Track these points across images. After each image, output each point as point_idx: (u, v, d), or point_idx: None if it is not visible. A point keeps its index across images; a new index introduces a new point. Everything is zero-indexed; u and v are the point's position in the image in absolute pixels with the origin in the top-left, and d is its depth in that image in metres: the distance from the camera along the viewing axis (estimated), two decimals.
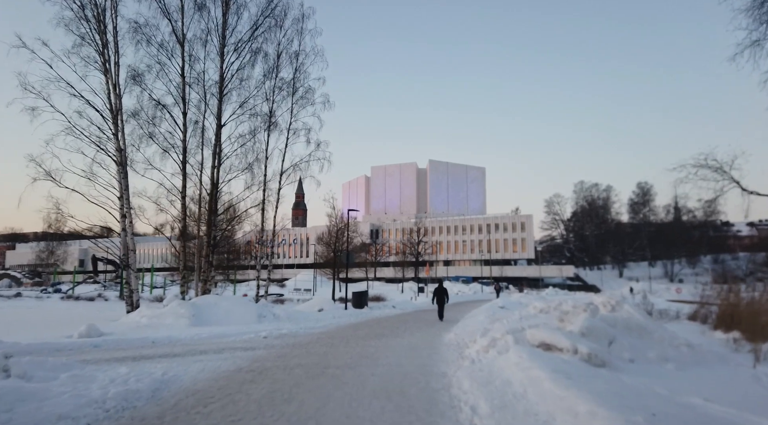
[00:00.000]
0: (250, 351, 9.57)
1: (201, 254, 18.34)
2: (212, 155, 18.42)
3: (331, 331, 13.81)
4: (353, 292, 24.59)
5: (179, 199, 18.03)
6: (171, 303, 14.54)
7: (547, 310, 11.53)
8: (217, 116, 18.34)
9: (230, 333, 12.26)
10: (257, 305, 15.50)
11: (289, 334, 12.47)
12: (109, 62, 16.31)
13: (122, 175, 16.43)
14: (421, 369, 7.70)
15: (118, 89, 16.60)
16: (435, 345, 10.84)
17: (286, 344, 10.72)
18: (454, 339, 11.68)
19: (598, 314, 8.92)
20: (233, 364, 7.94)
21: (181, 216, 17.97)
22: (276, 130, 21.24)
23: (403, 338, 12.37)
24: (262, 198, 20.97)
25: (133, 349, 9.60)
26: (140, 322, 13.54)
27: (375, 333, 13.27)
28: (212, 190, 18.17)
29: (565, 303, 11.48)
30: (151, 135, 18.26)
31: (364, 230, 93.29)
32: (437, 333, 13.62)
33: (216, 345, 10.25)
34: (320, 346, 10.42)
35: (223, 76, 18.57)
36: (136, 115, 18.19)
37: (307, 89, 21.35)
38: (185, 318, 13.62)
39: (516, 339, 7.85)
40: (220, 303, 15.07)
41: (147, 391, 5.68)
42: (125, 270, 16.77)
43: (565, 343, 7.31)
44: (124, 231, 16.54)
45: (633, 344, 8.63)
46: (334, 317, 17.89)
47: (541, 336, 7.67)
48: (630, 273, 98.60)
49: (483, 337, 9.68)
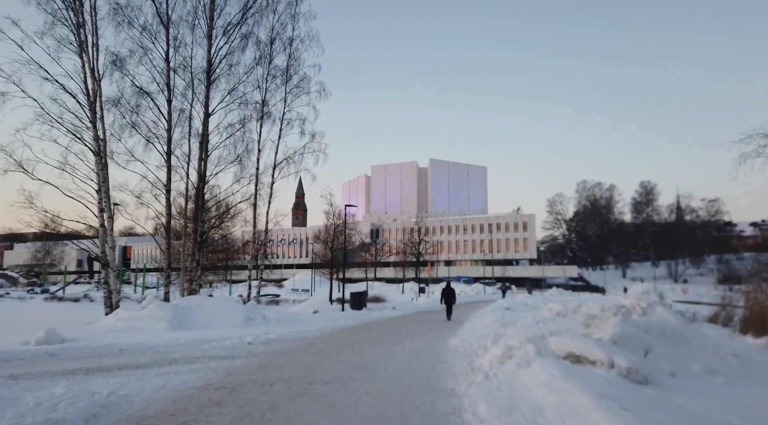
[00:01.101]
0: (228, 360, 8.34)
1: (187, 252, 17.13)
2: (199, 146, 17.19)
3: (325, 336, 12.59)
4: (351, 293, 23.39)
5: (164, 193, 16.81)
6: (150, 304, 13.32)
7: (564, 313, 10.31)
8: (204, 104, 17.11)
9: (212, 338, 11.05)
10: (245, 307, 14.29)
11: (277, 339, 11.25)
12: (86, 44, 15.10)
13: (100, 166, 15.21)
14: (425, 385, 6.48)
15: (96, 73, 15.39)
16: (440, 353, 9.62)
17: (271, 351, 9.50)
18: (461, 345, 10.46)
19: (630, 318, 7.68)
20: (203, 378, 6.72)
21: (166, 212, 16.75)
22: (269, 121, 20.05)
23: (404, 343, 11.15)
24: (254, 192, 19.76)
25: (93, 359, 8.37)
26: (114, 326, 12.33)
27: (373, 338, 12.05)
28: (199, 183, 16.94)
29: (585, 305, 10.25)
30: (134, 124, 17.05)
31: (364, 230, 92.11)
32: (441, 337, 12.39)
33: (191, 353, 9.03)
34: (309, 354, 9.19)
35: (211, 61, 17.33)
36: (118, 104, 16.97)
37: (301, 77, 20.16)
38: (164, 322, 12.40)
39: (538, 348, 6.62)
40: (205, 305, 13.85)
41: (76, 421, 4.45)
42: (104, 268, 15.55)
43: (599, 355, 6.08)
44: (103, 227, 15.32)
45: (672, 354, 7.39)
46: (330, 319, 16.68)
47: (569, 346, 6.44)
48: (633, 274, 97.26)
49: (496, 345, 8.44)
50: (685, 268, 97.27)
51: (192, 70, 17.53)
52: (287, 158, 19.64)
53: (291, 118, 20.08)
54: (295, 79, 19.96)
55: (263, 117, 19.87)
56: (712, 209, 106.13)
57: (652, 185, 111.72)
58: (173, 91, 16.90)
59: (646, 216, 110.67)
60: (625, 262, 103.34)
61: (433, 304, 30.78)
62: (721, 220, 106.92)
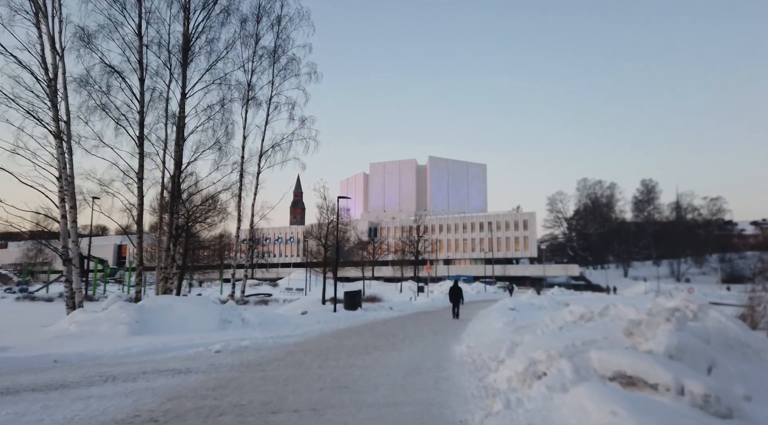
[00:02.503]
0: (180, 376, 6.72)
1: (163, 247, 15.50)
2: (176, 130, 15.53)
3: (309, 342, 10.98)
4: (345, 292, 21.77)
5: (135, 182, 15.17)
6: (111, 305, 11.69)
7: (590, 317, 8.73)
8: (181, 84, 15.45)
9: (175, 345, 9.43)
10: (222, 308, 12.67)
11: (251, 347, 9.62)
12: (46, 12, 13.45)
13: (60, 150, 13.56)
14: (426, 414, 4.89)
15: (58, 47, 13.73)
16: (443, 364, 8.02)
17: (239, 363, 7.88)
18: (468, 354, 8.86)
19: (686, 324, 6.09)
20: (132, 405, 5.10)
21: (138, 203, 15.11)
22: (255, 106, 18.40)
23: (400, 351, 9.56)
24: (239, 182, 18.11)
25: (12, 375, 6.74)
26: (67, 330, 10.71)
27: (365, 344, 10.45)
28: (175, 170, 15.30)
29: (613, 307, 8.66)
30: (104, 106, 15.39)
31: (363, 228, 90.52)
32: (444, 343, 10.80)
33: (139, 367, 7.41)
34: (285, 367, 7.58)
35: (188, 36, 15.67)
36: (86, 83, 15.30)
37: (290, 58, 18.49)
38: (124, 326, 10.77)
39: (575, 366, 5.01)
40: (175, 306, 12.22)
41: None
42: (65, 265, 13.92)
43: (663, 376, 4.47)
44: (64, 218, 13.69)
45: (741, 370, 5.80)
46: (319, 321, 15.06)
47: (618, 363, 4.83)
48: (635, 273, 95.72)
49: (512, 357, 6.84)
50: (688, 267, 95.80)
51: (169, 47, 15.87)
52: (274, 145, 18.00)
53: (279, 102, 18.49)
54: (283, 59, 18.34)
55: (249, 101, 18.23)
56: (713, 207, 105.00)
57: (653, 183, 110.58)
58: (146, 70, 15.25)
59: (647, 215, 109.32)
60: (627, 261, 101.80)
61: (432, 304, 29.17)
62: (722, 219, 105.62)
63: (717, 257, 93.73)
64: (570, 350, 6.02)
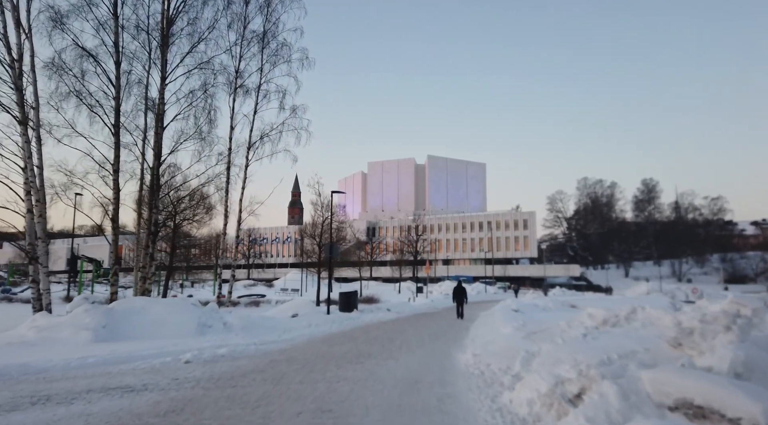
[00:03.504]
0: (131, 396, 5.56)
1: (140, 245, 14.34)
2: (155, 118, 14.34)
3: (297, 348, 9.83)
4: (340, 293, 20.65)
5: (110, 174, 13.99)
6: (76, 309, 10.53)
7: (614, 321, 7.60)
8: (160, 68, 14.26)
9: (141, 354, 8.27)
10: (202, 311, 11.51)
11: (227, 356, 8.46)
12: None
13: (26, 138, 12.38)
14: None
15: (25, 23, 12.57)
16: (447, 377, 6.89)
17: (209, 377, 6.73)
18: (474, 364, 7.72)
19: (750, 333, 4.96)
20: None
21: (113, 196, 13.92)
22: (243, 94, 17.24)
23: (397, 360, 8.41)
24: (227, 176, 16.96)
25: None
26: (23, 337, 9.54)
27: (357, 352, 9.31)
28: (155, 162, 14.13)
29: (641, 310, 7.54)
30: (78, 93, 14.21)
31: (361, 227, 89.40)
32: (446, 350, 9.66)
33: (87, 383, 6.26)
34: (261, 382, 6.43)
35: (168, 15, 14.49)
36: (60, 69, 14.12)
37: (281, 44, 17.32)
38: (88, 331, 9.61)
39: (622, 390, 3.87)
40: (150, 309, 11.06)
41: None
42: (32, 263, 12.76)
43: (749, 408, 3.33)
44: (30, 212, 12.52)
45: None
46: (310, 325, 13.91)
47: (680, 388, 3.69)
48: (636, 273, 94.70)
49: (529, 371, 5.71)
50: (689, 267, 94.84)
51: (148, 28, 14.68)
52: (263, 136, 16.83)
53: (268, 90, 17.31)
54: (273, 45, 17.16)
55: (237, 89, 17.07)
56: (714, 207, 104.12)
57: (654, 182, 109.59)
58: (122, 53, 14.08)
59: (648, 215, 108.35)
60: (627, 261, 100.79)
61: (432, 305, 28.05)
62: (722, 219, 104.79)
63: (718, 257, 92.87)
64: (607, 365, 4.88)
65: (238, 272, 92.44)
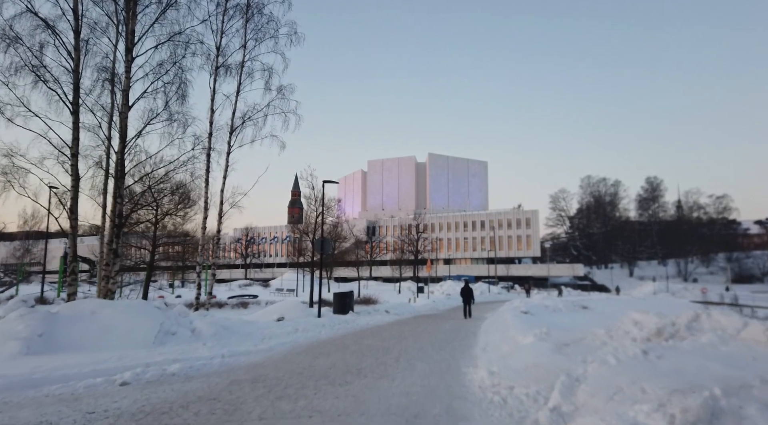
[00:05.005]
0: None
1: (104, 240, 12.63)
2: (122, 96, 12.60)
3: (272, 362, 8.08)
4: (334, 294, 18.98)
5: (68, 158, 12.29)
6: (10, 313, 8.84)
7: (672, 332, 5.89)
8: (126, 37, 12.53)
9: (71, 371, 6.56)
10: (166, 315, 9.79)
11: (178, 375, 6.72)
12: None
13: None
14: None
15: None
16: (457, 407, 5.15)
17: (139, 408, 5.01)
18: (491, 386, 5.98)
19: None
20: None
21: (72, 184, 12.22)
22: (224, 74, 15.52)
23: (393, 379, 6.68)
24: (206, 164, 15.23)
25: None
26: None
27: (345, 366, 7.57)
28: (120, 145, 12.42)
29: (706, 317, 5.83)
30: (34, 68, 12.48)
31: (361, 226, 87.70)
32: (454, 363, 7.93)
33: None
34: (206, 416, 4.70)
35: None
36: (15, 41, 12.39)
37: (267, 18, 15.60)
38: (18, 342, 7.88)
39: None
40: (102, 314, 9.34)
41: None
42: None
43: None
44: None
45: None
46: (296, 330, 12.18)
47: None
48: (641, 273, 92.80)
49: (574, 405, 3.99)
50: (695, 267, 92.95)
51: None
52: (245, 119, 15.10)
53: (253, 69, 15.56)
54: (257, 18, 15.43)
55: (218, 68, 15.35)
56: (719, 206, 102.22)
57: (658, 181, 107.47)
58: (81, 19, 12.35)
59: (652, 213, 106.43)
60: (632, 261, 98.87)
61: (433, 306, 26.31)
62: (726, 218, 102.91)
63: (724, 256, 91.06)
64: (710, 407, 3.14)
65: (236, 272, 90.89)
